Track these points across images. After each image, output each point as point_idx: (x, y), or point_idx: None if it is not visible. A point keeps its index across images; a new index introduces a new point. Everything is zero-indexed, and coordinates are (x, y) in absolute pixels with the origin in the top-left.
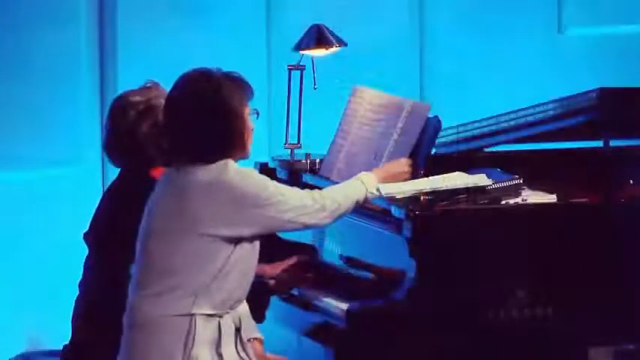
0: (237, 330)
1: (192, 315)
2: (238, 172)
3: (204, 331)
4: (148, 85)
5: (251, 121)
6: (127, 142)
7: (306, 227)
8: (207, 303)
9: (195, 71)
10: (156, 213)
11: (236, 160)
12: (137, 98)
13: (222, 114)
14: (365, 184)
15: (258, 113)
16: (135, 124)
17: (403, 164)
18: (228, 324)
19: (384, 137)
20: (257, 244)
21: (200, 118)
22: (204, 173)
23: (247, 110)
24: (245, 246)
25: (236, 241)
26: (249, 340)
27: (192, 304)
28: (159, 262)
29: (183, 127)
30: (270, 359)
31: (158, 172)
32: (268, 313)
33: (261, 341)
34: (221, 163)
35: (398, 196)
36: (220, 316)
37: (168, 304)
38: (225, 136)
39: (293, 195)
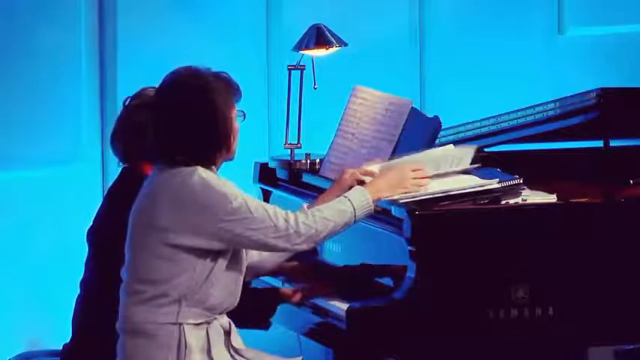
0: (227, 334)
1: (179, 324)
2: (202, 181)
3: (193, 338)
4: None
5: (237, 122)
6: (138, 139)
7: (279, 250)
8: (193, 312)
9: (183, 69)
10: (134, 222)
11: (220, 163)
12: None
13: (208, 115)
14: (355, 207)
15: (244, 115)
16: (146, 123)
17: (404, 171)
18: (217, 330)
19: (383, 138)
20: (242, 252)
21: (186, 117)
22: (170, 179)
23: (234, 112)
24: (226, 258)
25: (215, 252)
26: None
27: (177, 314)
28: (142, 271)
29: (168, 126)
30: None
31: None
32: None
33: None
34: (188, 169)
35: (403, 200)
36: (208, 323)
37: (156, 312)
38: (211, 137)
39: (264, 214)
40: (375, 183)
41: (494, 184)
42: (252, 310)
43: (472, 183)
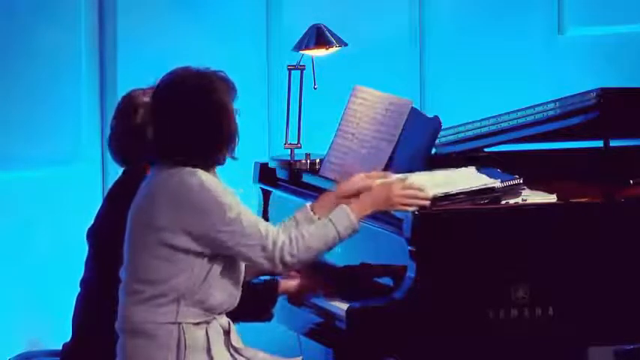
0: (227, 333)
1: (179, 323)
2: (200, 182)
3: (193, 337)
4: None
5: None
6: (133, 141)
7: (262, 267)
8: (192, 312)
9: (181, 70)
10: (133, 222)
11: (222, 162)
12: (146, 99)
13: (212, 115)
14: (339, 230)
15: (239, 112)
16: (143, 125)
17: (391, 189)
18: (216, 329)
19: (383, 138)
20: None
21: (189, 118)
22: (169, 179)
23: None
24: (225, 259)
25: (212, 254)
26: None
27: (176, 313)
28: (140, 271)
29: (171, 127)
30: None
31: None
32: None
33: None
34: (188, 170)
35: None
36: (208, 322)
37: (155, 311)
38: (215, 137)
39: (256, 232)
40: (361, 201)
41: (494, 184)
42: (253, 303)
43: (474, 182)
